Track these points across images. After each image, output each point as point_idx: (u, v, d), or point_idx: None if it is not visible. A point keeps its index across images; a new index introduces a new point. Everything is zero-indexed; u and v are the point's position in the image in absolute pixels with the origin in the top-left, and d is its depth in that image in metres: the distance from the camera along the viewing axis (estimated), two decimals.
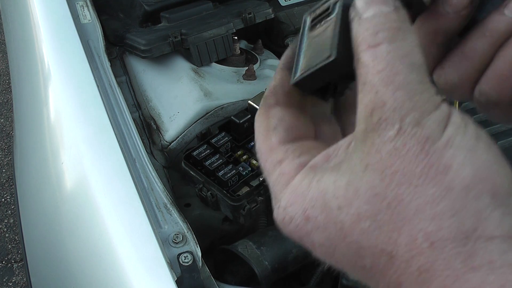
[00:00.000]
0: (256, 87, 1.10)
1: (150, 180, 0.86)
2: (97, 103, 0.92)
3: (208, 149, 0.92)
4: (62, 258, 0.88)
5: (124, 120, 0.94)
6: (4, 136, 2.59)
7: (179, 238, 0.76)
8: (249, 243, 0.87)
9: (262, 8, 1.19)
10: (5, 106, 2.74)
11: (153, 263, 0.71)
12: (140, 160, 0.88)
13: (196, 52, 1.10)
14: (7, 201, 2.29)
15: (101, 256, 0.77)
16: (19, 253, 2.10)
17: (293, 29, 1.27)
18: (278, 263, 0.87)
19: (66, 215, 0.88)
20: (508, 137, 1.05)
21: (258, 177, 0.90)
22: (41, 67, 1.06)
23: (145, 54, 1.09)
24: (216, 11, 1.19)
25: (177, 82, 1.08)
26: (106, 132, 0.88)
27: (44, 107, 1.03)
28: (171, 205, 0.82)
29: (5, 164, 2.45)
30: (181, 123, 1.02)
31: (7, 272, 2.05)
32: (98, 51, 1.06)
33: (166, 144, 1.02)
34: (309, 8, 0.35)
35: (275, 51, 1.30)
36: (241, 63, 1.17)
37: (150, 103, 1.07)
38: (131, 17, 1.21)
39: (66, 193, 0.91)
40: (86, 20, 1.12)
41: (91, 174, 0.85)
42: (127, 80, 1.12)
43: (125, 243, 0.75)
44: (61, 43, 1.05)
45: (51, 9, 1.11)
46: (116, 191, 0.81)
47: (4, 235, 2.17)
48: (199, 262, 0.74)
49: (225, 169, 0.88)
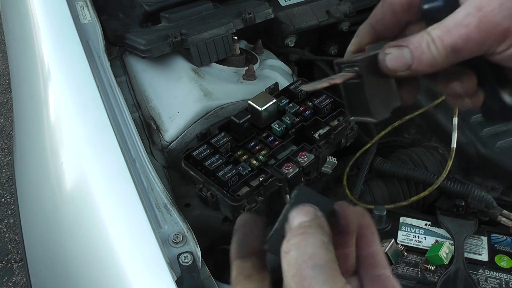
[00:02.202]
0: (256, 87, 1.10)
1: (150, 180, 0.86)
2: (97, 103, 0.92)
3: (208, 149, 0.92)
4: (62, 258, 0.88)
5: (124, 120, 0.94)
6: (4, 136, 2.59)
7: (179, 238, 0.76)
8: None
9: (262, 8, 1.19)
10: (5, 106, 2.74)
11: (153, 263, 0.71)
12: (140, 160, 0.88)
13: (196, 52, 1.10)
14: (7, 201, 2.29)
15: (101, 256, 0.77)
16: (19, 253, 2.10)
17: (293, 29, 1.27)
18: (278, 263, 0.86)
19: (66, 215, 0.88)
20: (508, 137, 1.05)
21: (258, 177, 0.90)
22: (41, 67, 1.06)
23: (145, 54, 1.09)
24: (216, 11, 1.19)
25: (177, 82, 1.08)
26: (106, 132, 0.88)
27: (44, 107, 1.03)
28: (171, 205, 0.82)
29: (5, 164, 2.45)
30: (181, 123, 1.02)
31: (7, 272, 2.05)
32: (98, 51, 1.06)
33: (166, 144, 1.02)
34: (309, 8, 0.41)
35: (275, 51, 1.30)
36: (241, 63, 1.17)
37: (150, 103, 1.07)
38: (131, 17, 1.21)
39: (66, 193, 0.91)
40: (86, 20, 1.12)
41: (91, 174, 0.85)
42: (127, 80, 1.12)
43: (125, 243, 0.75)
44: (61, 43, 1.05)
45: (51, 9, 1.11)
46: (116, 191, 0.81)
47: (4, 235, 2.17)
48: (199, 262, 0.74)
49: (225, 169, 0.88)
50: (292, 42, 1.30)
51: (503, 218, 0.98)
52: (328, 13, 1.30)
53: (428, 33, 0.44)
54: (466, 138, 1.06)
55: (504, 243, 0.94)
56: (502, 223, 0.98)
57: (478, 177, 1.06)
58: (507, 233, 0.95)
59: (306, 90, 0.46)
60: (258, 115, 0.97)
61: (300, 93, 1.03)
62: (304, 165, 0.92)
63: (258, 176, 0.90)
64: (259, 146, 0.95)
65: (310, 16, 1.29)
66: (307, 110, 1.01)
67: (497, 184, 1.05)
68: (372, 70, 0.47)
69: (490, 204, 0.99)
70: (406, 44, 0.45)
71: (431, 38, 0.43)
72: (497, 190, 1.04)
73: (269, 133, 0.97)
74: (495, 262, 0.90)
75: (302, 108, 1.01)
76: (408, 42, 0.45)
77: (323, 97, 1.01)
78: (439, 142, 1.12)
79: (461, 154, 1.05)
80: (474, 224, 0.96)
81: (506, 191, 1.04)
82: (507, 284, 0.87)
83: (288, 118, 0.98)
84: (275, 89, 1.05)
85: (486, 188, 1.04)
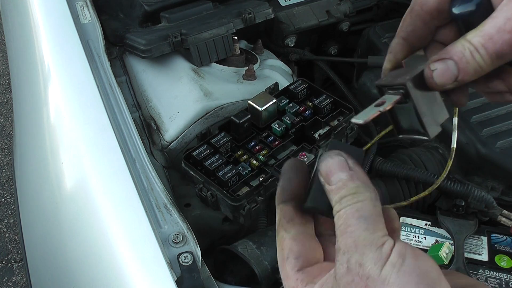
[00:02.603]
0: (256, 87, 1.10)
1: (150, 180, 0.86)
2: (97, 103, 0.92)
3: (208, 149, 0.92)
4: (62, 258, 0.88)
5: (124, 120, 0.94)
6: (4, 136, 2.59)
7: (179, 238, 0.76)
8: (249, 243, 0.87)
9: (262, 8, 1.19)
10: (5, 106, 2.74)
11: (153, 263, 0.71)
12: (140, 160, 0.88)
13: (196, 52, 1.10)
14: (7, 201, 2.29)
15: (101, 256, 0.77)
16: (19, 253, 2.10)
17: (293, 29, 1.27)
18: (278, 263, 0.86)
19: (66, 215, 0.88)
20: (508, 137, 1.05)
21: (258, 177, 0.90)
22: (41, 67, 1.06)
23: (145, 54, 1.09)
24: (216, 11, 1.19)
25: (177, 82, 1.08)
26: (106, 132, 0.88)
27: (44, 107, 1.03)
28: (171, 205, 0.82)
29: (5, 164, 2.45)
30: (181, 123, 1.02)
31: (7, 272, 2.05)
32: (98, 51, 1.06)
33: (166, 144, 1.02)
34: (309, 8, 0.41)
35: (275, 51, 1.30)
36: (241, 63, 1.17)
37: (150, 103, 1.07)
38: (131, 17, 1.21)
39: (66, 193, 0.91)
40: (86, 20, 1.12)
41: (91, 174, 0.85)
42: (127, 80, 1.12)
43: (125, 243, 0.75)
44: (61, 43, 1.05)
45: (51, 9, 1.11)
46: (116, 191, 0.81)
47: (4, 235, 2.17)
48: (199, 262, 0.74)
49: (225, 169, 0.88)
50: (292, 42, 1.30)
51: (503, 218, 0.98)
52: (328, 13, 1.30)
53: (468, 41, 0.43)
54: (466, 138, 1.06)
55: (504, 243, 0.94)
56: (502, 223, 0.98)
57: (478, 177, 1.06)
58: (507, 233, 0.95)
59: (357, 123, 0.46)
60: (258, 115, 0.97)
61: (300, 93, 1.03)
62: None
63: (258, 176, 0.90)
64: (259, 146, 0.95)
65: (310, 16, 1.29)
66: (307, 110, 1.01)
67: (497, 184, 1.05)
68: (418, 88, 0.46)
69: (490, 204, 0.99)
70: (449, 56, 0.44)
71: (473, 47, 0.43)
72: (497, 190, 1.04)
73: (269, 133, 0.97)
74: (495, 262, 0.90)
75: (302, 108, 1.01)
76: (450, 54, 0.44)
77: (323, 97, 1.01)
78: (439, 142, 1.12)
79: (461, 154, 1.05)
80: (474, 224, 0.96)
81: (506, 191, 1.04)
82: (507, 284, 0.87)
83: (288, 118, 0.98)
84: (275, 89, 1.05)
85: (486, 188, 1.04)
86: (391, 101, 0.46)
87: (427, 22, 0.49)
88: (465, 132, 1.06)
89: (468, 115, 1.09)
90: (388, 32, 1.26)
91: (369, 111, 0.46)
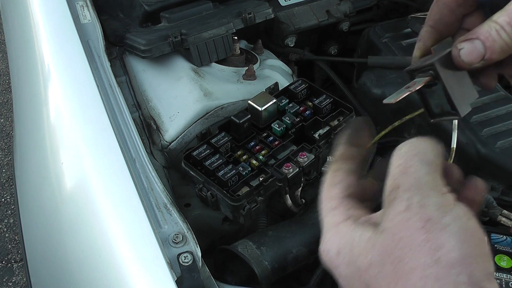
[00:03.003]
0: (256, 87, 1.10)
1: (150, 180, 0.86)
2: (97, 103, 0.92)
3: (208, 149, 0.92)
4: (62, 258, 0.88)
5: (124, 120, 0.94)
6: (4, 136, 2.59)
7: (179, 238, 0.76)
8: (249, 243, 0.87)
9: (262, 8, 1.19)
10: (5, 106, 2.74)
11: (153, 263, 0.71)
12: (140, 160, 0.88)
13: (196, 52, 1.10)
14: (7, 201, 2.29)
15: (101, 256, 0.77)
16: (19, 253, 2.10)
17: (293, 29, 1.27)
18: (278, 263, 0.87)
19: (66, 215, 0.88)
20: (508, 137, 1.05)
21: (258, 177, 0.90)
22: (41, 67, 1.06)
23: (145, 54, 1.09)
24: (216, 11, 1.19)
25: (177, 82, 1.08)
26: (106, 132, 0.88)
27: (44, 107, 1.03)
28: (171, 205, 0.82)
29: (5, 164, 2.45)
30: (181, 123, 1.02)
31: (7, 272, 2.05)
32: (98, 51, 1.06)
33: (166, 144, 1.02)
34: (309, 8, 0.42)
35: (275, 51, 1.30)
36: (241, 63, 1.17)
37: (150, 103, 1.07)
38: (131, 17, 1.21)
39: (66, 193, 0.91)
40: (86, 20, 1.12)
41: (91, 174, 0.85)
42: (127, 80, 1.12)
43: (125, 243, 0.75)
44: (61, 43, 1.05)
45: (51, 9, 1.11)
46: (116, 191, 0.81)
47: (4, 235, 2.17)
48: (199, 262, 0.74)
49: (225, 169, 0.88)
50: (292, 42, 1.30)
51: (503, 218, 0.98)
52: (328, 13, 1.30)
53: (494, 21, 0.45)
54: (466, 138, 1.06)
55: (504, 243, 0.94)
56: (502, 223, 0.98)
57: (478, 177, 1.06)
58: (507, 233, 0.95)
59: (388, 102, 0.47)
60: (258, 115, 0.97)
61: (300, 93, 1.03)
62: (304, 165, 0.92)
63: (258, 176, 0.90)
64: (259, 146, 0.95)
65: (310, 16, 1.29)
66: (307, 110, 1.01)
67: (497, 184, 1.04)
68: (447, 68, 0.48)
69: (490, 204, 0.98)
70: (476, 36, 0.46)
71: (499, 26, 0.44)
72: (497, 190, 1.04)
73: (269, 133, 0.97)
74: (495, 262, 0.90)
75: (302, 108, 1.01)
76: (477, 34, 0.46)
77: (323, 97, 1.01)
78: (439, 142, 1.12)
79: (461, 154, 1.05)
80: None
81: (506, 191, 1.04)
82: (507, 284, 0.87)
83: (288, 118, 0.98)
84: (275, 89, 1.05)
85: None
86: (420, 81, 0.47)
87: (453, 10, 0.51)
88: (465, 132, 1.06)
89: (468, 115, 1.09)
90: (388, 32, 1.26)
91: (400, 92, 0.48)
